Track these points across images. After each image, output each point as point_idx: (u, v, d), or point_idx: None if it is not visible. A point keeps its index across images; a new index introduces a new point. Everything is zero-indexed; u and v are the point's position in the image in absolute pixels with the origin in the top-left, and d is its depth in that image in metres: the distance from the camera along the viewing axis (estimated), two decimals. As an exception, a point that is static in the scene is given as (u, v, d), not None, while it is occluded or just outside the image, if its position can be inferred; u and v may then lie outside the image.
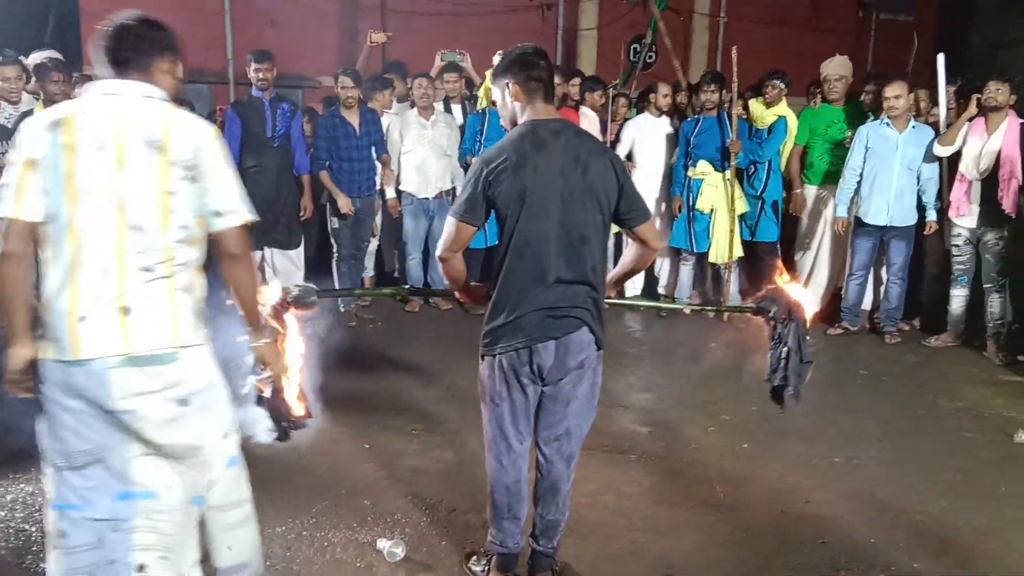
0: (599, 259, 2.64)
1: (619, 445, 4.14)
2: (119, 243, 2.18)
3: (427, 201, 6.56)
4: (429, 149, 6.50)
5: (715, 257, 6.51)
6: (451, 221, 2.63)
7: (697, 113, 6.55)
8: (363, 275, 6.86)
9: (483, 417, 2.80)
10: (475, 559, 3.03)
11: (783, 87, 6.61)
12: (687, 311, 3.33)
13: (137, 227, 2.19)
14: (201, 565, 2.47)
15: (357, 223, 6.37)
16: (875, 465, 4.02)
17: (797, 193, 6.58)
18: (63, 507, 2.28)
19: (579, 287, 2.59)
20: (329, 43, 12.32)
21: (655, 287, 7.10)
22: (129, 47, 2.30)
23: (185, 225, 2.26)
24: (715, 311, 3.16)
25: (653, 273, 7.04)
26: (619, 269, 2.88)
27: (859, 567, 3.12)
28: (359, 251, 6.57)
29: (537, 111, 2.63)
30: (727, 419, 4.54)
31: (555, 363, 2.62)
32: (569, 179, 2.54)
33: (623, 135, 6.92)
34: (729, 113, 6.29)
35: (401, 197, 6.65)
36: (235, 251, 2.35)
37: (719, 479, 3.78)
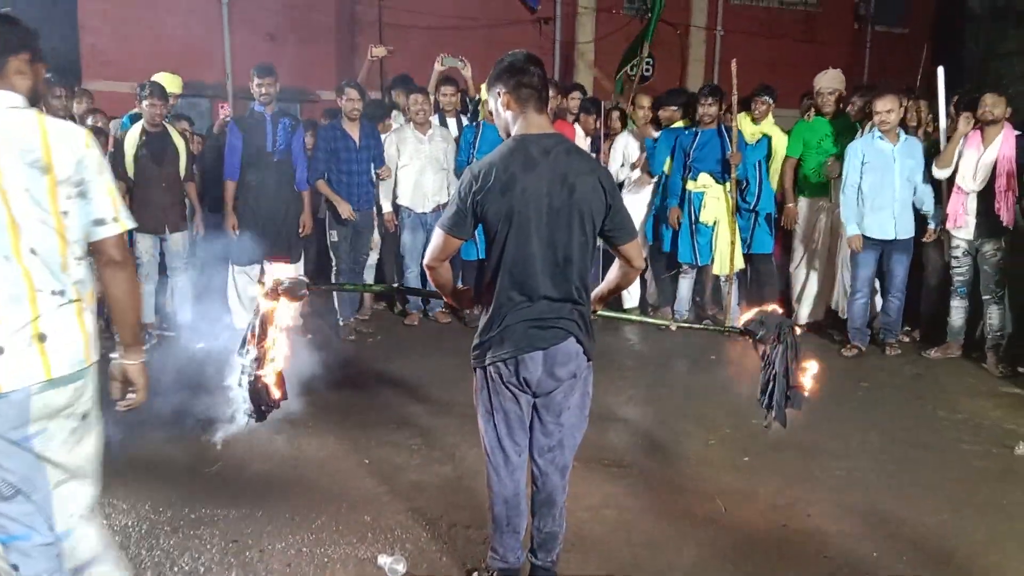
0: (584, 276, 2.66)
1: (619, 459, 4.14)
2: (25, 271, 2.10)
3: (424, 215, 6.57)
4: (426, 164, 6.52)
5: (719, 269, 6.52)
6: (439, 233, 2.65)
7: (696, 126, 6.58)
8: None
9: (480, 430, 2.81)
10: (476, 574, 3.02)
11: (771, 102, 6.66)
12: (674, 328, 3.32)
13: (38, 252, 2.11)
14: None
15: (356, 236, 6.39)
16: (876, 477, 4.01)
17: (790, 207, 6.60)
18: (8, 541, 2.20)
19: (564, 303, 2.61)
20: (327, 57, 12.37)
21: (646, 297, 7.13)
22: None
23: (79, 240, 2.20)
24: (702, 330, 3.18)
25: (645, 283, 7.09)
26: (603, 286, 2.88)
27: (861, 581, 3.11)
28: (358, 264, 6.57)
29: (529, 122, 2.62)
30: (727, 432, 4.53)
31: (543, 374, 2.63)
32: (555, 200, 2.54)
33: (614, 150, 6.97)
34: (728, 126, 6.31)
35: (399, 211, 6.67)
36: (118, 258, 2.27)
37: (720, 493, 3.78)
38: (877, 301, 6.42)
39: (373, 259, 6.91)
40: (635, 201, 6.77)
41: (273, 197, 6.01)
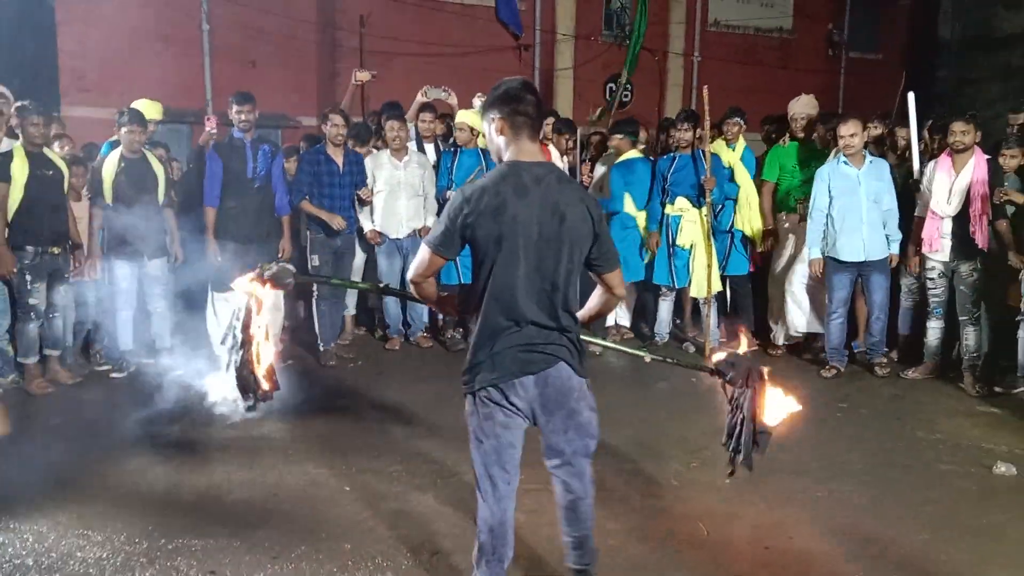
0: (570, 302, 2.68)
1: (601, 483, 4.08)
2: None
3: (399, 240, 6.57)
4: (401, 190, 6.54)
5: (696, 292, 6.57)
6: (425, 250, 2.66)
7: (672, 151, 6.65)
8: (344, 313, 6.84)
9: (472, 455, 2.79)
10: None
11: (742, 124, 6.78)
12: (648, 359, 3.35)
13: None
14: None
15: (337, 261, 6.37)
16: (857, 498, 4.02)
17: (771, 229, 6.66)
18: None
19: (552, 330, 2.63)
20: (308, 84, 12.42)
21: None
22: None
23: None
24: (676, 364, 3.26)
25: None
26: (584, 312, 2.88)
27: (844, 603, 3.11)
28: (340, 289, 6.55)
29: (522, 149, 2.64)
30: (709, 454, 4.53)
31: (539, 399, 2.65)
32: (545, 228, 2.57)
33: (595, 175, 7.04)
34: (703, 150, 6.39)
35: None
36: None
37: (703, 516, 3.77)
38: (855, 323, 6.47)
39: (354, 284, 6.89)
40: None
41: (253, 223, 5.99)
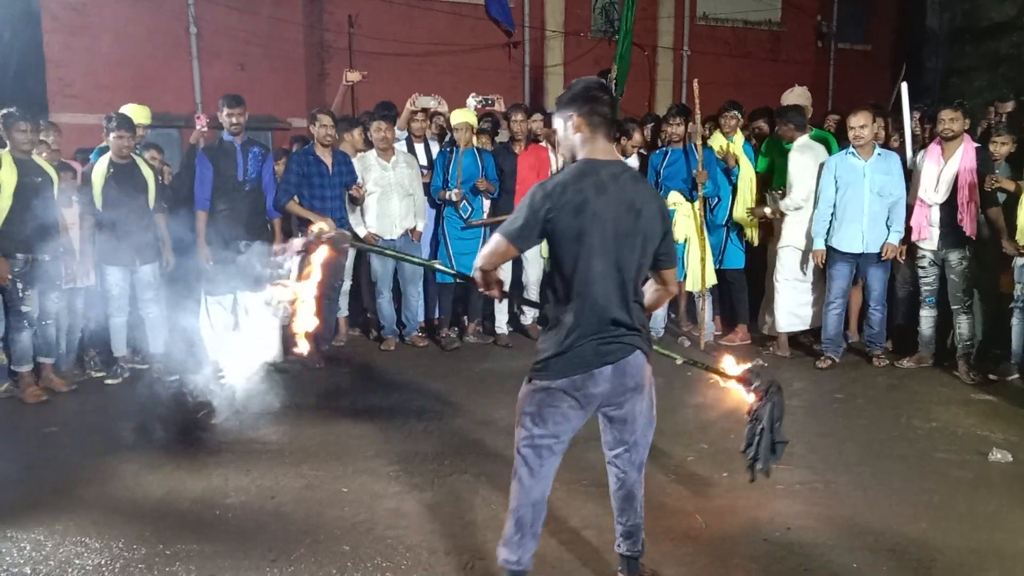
0: (641, 296, 2.84)
1: (599, 479, 4.09)
2: None
3: (392, 241, 6.56)
4: (392, 190, 6.52)
5: (691, 286, 6.57)
6: (501, 240, 2.74)
7: (665, 145, 6.65)
8: (337, 315, 6.83)
9: (516, 435, 2.87)
10: None
11: (739, 117, 6.81)
12: (679, 362, 3.46)
13: None
14: None
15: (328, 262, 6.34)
16: (854, 489, 4.03)
17: (757, 209, 6.64)
18: None
19: (628, 319, 2.75)
20: (297, 85, 12.39)
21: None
22: None
23: None
24: (705, 368, 3.33)
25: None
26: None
27: (842, 593, 3.12)
28: (332, 291, 6.53)
29: (597, 147, 2.74)
30: (705, 448, 4.54)
31: (613, 386, 2.76)
32: (622, 224, 2.68)
33: None
34: (695, 144, 6.39)
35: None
36: None
37: (700, 510, 3.77)
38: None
39: (347, 286, 6.88)
40: None
41: (245, 225, 5.97)
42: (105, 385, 5.88)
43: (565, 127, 2.78)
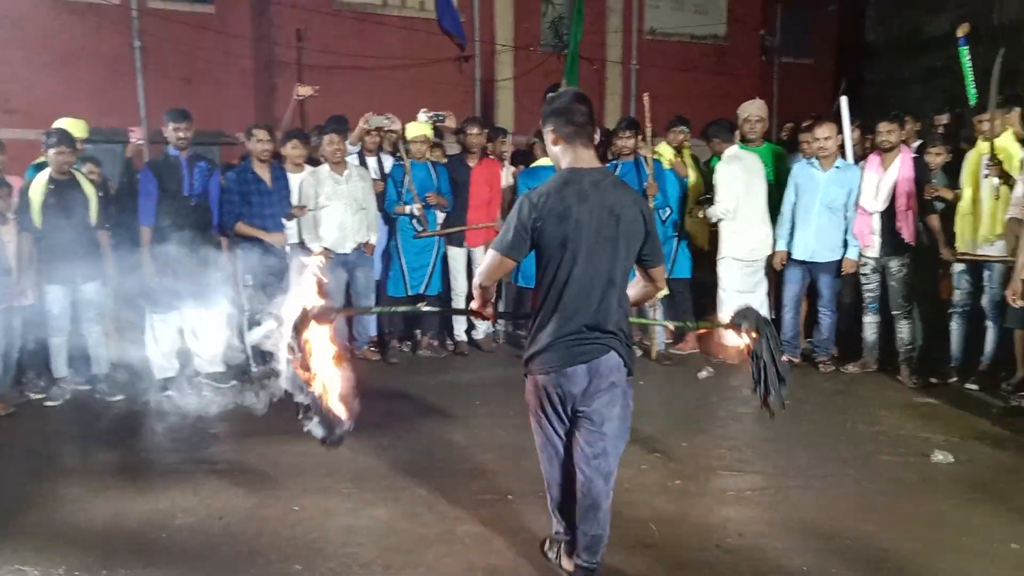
0: (624, 296, 2.98)
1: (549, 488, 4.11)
2: None
3: (345, 255, 6.50)
4: (344, 204, 6.46)
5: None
6: (496, 255, 2.90)
7: (615, 158, 6.72)
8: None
9: (532, 427, 3.13)
10: (549, 545, 3.36)
11: (687, 131, 7.02)
12: (671, 327, 3.57)
13: None
14: None
15: (273, 279, 6.24)
16: (803, 493, 4.10)
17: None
18: None
19: (607, 321, 2.89)
20: (245, 100, 12.24)
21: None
22: None
23: None
24: (695, 328, 3.45)
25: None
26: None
27: (793, 596, 3.16)
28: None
29: (577, 157, 2.90)
30: (658, 456, 4.58)
31: (587, 385, 2.91)
32: (604, 229, 2.83)
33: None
34: (645, 157, 6.47)
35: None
36: None
37: (653, 518, 3.79)
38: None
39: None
40: None
41: (190, 242, 5.85)
42: (45, 407, 5.69)
43: (547, 141, 2.97)
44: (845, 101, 6.47)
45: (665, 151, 6.93)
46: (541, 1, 14.11)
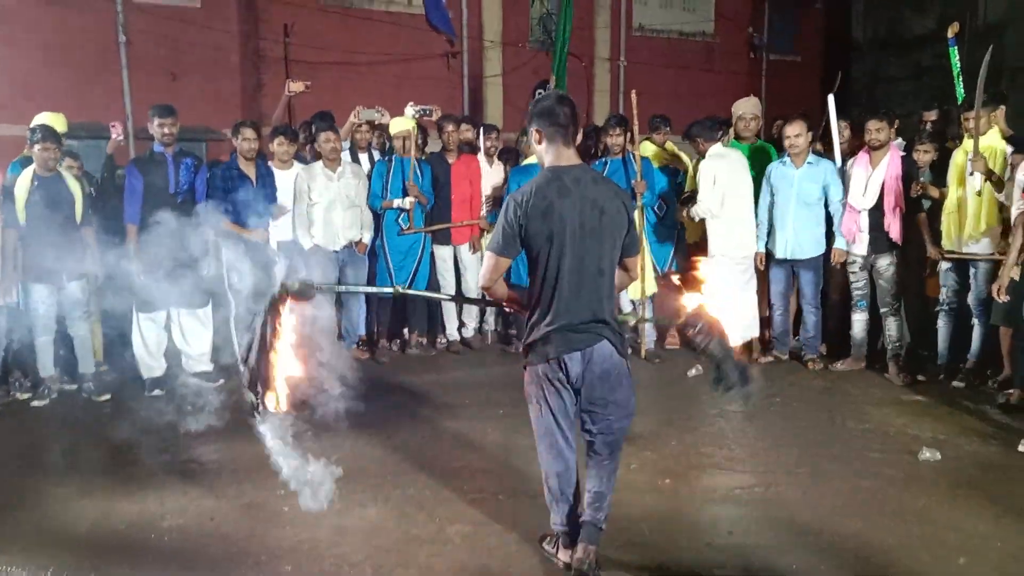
0: (612, 286, 3.13)
1: (543, 489, 4.11)
2: None
3: (336, 253, 6.48)
4: (336, 200, 6.44)
5: (633, 294, 6.64)
6: (491, 256, 3.08)
7: (604, 155, 6.72)
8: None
9: (531, 417, 3.24)
10: (547, 540, 3.40)
11: (667, 130, 7.11)
12: (632, 322, 3.70)
13: None
14: None
15: (260, 275, 6.20)
16: (792, 491, 4.12)
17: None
18: None
19: (597, 310, 3.05)
20: (232, 95, 12.14)
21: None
22: None
23: None
24: (657, 323, 3.67)
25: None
26: None
27: (783, 595, 3.17)
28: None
29: (559, 154, 3.07)
30: (648, 455, 4.58)
31: (584, 371, 3.07)
32: (588, 223, 2.99)
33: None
34: (633, 154, 6.47)
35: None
36: None
37: (644, 517, 3.80)
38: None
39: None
40: None
41: (177, 239, 5.80)
42: (31, 407, 5.64)
43: (531, 140, 3.13)
44: (832, 99, 6.49)
45: (647, 150, 6.92)
46: (530, -3, 14.09)
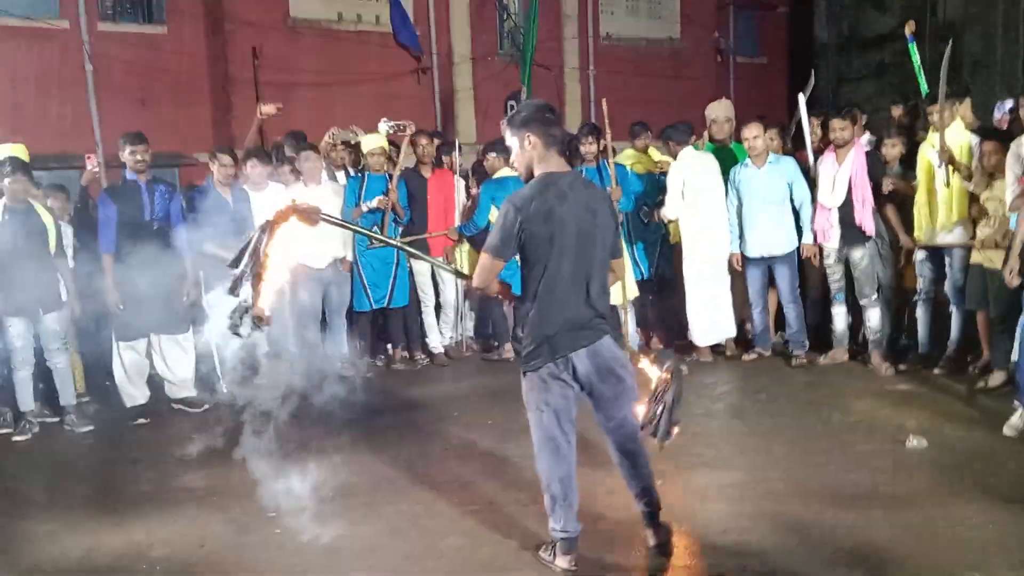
0: (606, 284, 3.28)
1: (535, 496, 4.09)
2: None
3: (320, 272, 6.45)
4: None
5: (613, 299, 6.64)
6: (486, 257, 3.17)
7: (578, 164, 6.74)
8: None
9: (531, 424, 3.29)
10: (544, 548, 3.40)
11: (648, 135, 7.23)
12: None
13: None
14: None
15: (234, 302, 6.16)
16: (784, 486, 4.13)
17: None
18: None
19: (596, 308, 3.19)
20: (203, 119, 12.11)
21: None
22: None
23: None
24: (632, 353, 3.78)
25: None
26: None
27: (781, 589, 3.18)
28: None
29: (552, 162, 3.19)
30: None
31: (591, 367, 3.17)
32: (583, 225, 3.14)
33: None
34: (607, 161, 6.51)
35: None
36: None
37: (637, 518, 3.78)
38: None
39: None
40: None
41: (154, 267, 5.75)
42: (13, 442, 5.54)
43: (522, 145, 3.20)
44: (803, 99, 6.57)
45: (628, 157, 6.98)
46: (497, 11, 14.17)
